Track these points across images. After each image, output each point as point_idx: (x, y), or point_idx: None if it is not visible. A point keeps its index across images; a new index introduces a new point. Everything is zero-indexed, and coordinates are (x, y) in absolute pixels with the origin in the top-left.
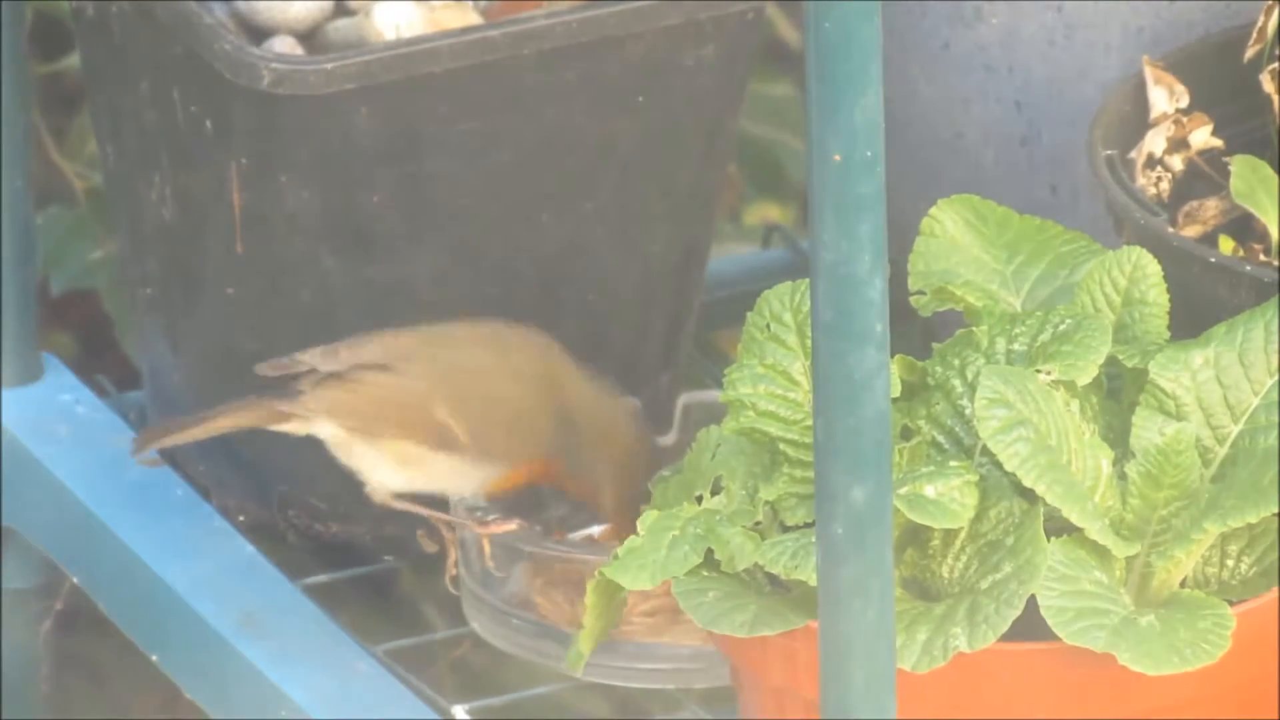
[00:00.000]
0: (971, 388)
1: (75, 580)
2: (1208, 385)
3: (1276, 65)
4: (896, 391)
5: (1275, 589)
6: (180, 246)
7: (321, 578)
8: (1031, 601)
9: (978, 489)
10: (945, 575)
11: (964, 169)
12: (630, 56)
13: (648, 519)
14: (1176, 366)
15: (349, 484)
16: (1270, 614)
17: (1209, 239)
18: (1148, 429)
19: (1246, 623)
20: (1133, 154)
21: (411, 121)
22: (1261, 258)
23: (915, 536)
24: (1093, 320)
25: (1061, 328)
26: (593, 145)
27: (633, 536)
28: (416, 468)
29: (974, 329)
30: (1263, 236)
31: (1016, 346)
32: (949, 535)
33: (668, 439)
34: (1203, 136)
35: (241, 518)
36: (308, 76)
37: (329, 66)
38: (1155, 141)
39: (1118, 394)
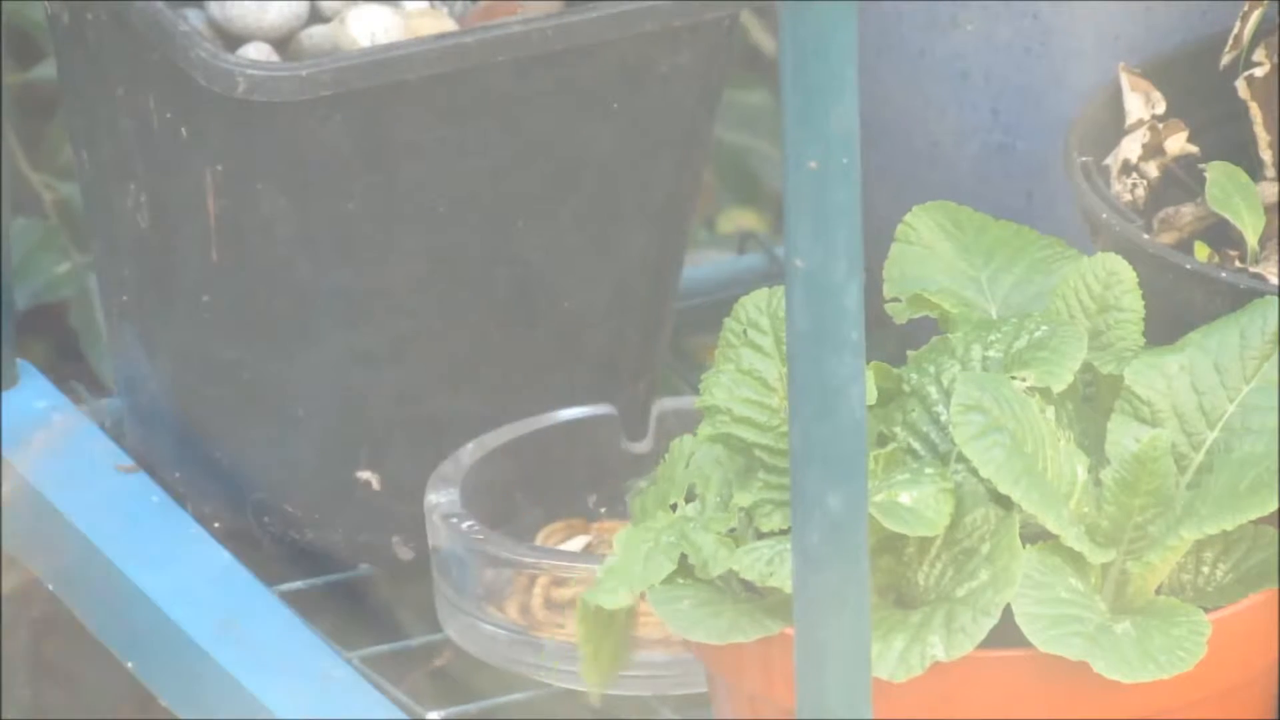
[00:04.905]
0: (947, 394)
1: (50, 587)
2: (1183, 392)
3: (1252, 71)
4: (872, 398)
5: (1251, 596)
6: (156, 254)
7: (297, 584)
8: (1008, 605)
9: (953, 496)
10: (921, 582)
11: (940, 175)
12: (605, 64)
13: (622, 537)
14: (1152, 373)
15: (324, 490)
16: (1246, 621)
17: (1184, 245)
18: (1123, 435)
19: (1222, 630)
20: (1108, 160)
21: (387, 128)
22: (1237, 264)
23: (891, 543)
24: (1068, 327)
25: (1037, 334)
26: (568, 152)
27: (610, 556)
28: None
29: (949, 335)
30: (1238, 243)
31: (992, 353)
32: (924, 542)
33: (643, 446)
34: (1178, 143)
35: (217, 524)
36: (282, 84)
37: (304, 74)
38: (1131, 148)
39: (1093, 400)
